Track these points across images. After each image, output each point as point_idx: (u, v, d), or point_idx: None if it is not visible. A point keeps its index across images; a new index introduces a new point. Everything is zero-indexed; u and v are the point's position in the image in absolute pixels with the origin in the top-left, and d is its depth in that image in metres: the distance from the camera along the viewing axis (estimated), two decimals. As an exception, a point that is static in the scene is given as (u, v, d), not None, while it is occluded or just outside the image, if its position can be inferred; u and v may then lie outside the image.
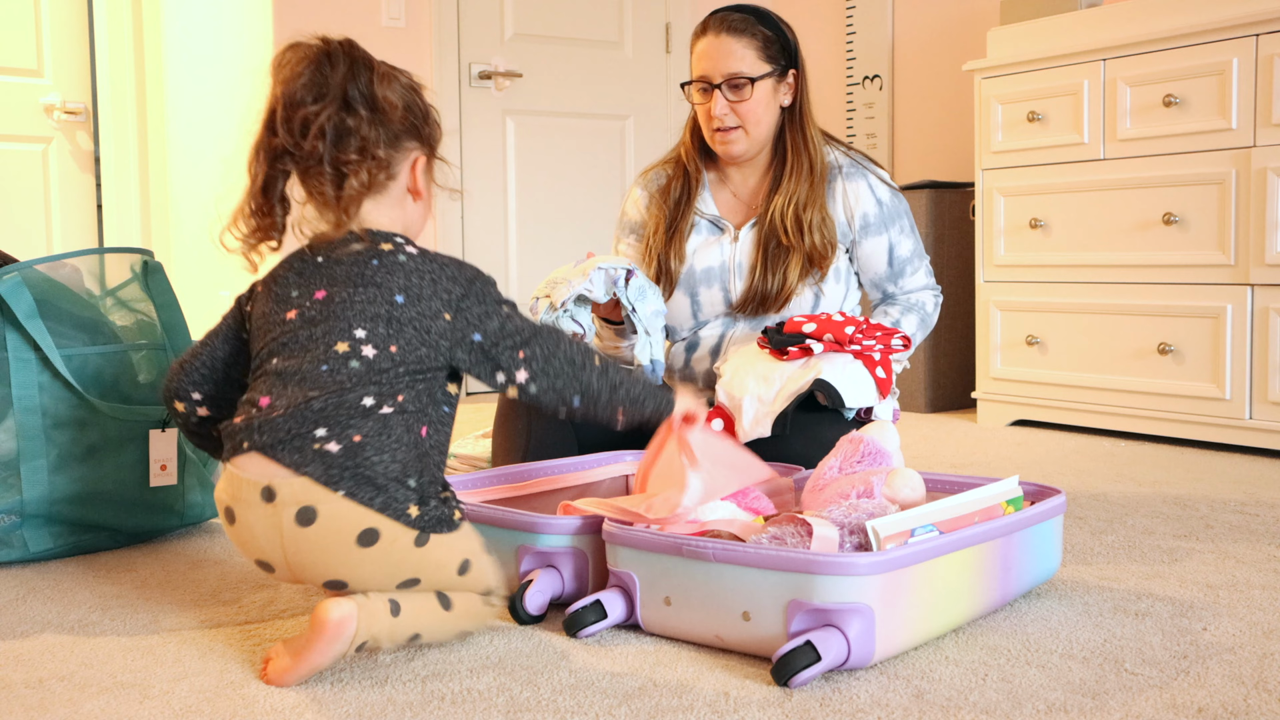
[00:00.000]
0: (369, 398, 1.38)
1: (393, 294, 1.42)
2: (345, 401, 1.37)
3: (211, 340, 1.55)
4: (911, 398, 3.78)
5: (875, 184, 2.20)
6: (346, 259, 1.44)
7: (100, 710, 1.31)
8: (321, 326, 1.41)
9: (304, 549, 1.35)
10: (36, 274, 1.98)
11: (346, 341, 1.39)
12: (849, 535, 1.46)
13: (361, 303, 1.41)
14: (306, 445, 1.35)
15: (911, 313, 2.23)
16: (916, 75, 4.35)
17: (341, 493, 1.33)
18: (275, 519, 1.35)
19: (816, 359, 1.99)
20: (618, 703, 1.29)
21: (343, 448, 1.34)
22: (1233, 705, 1.26)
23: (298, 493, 1.34)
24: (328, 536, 1.34)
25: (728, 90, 2.14)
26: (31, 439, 1.92)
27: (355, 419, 1.36)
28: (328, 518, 1.34)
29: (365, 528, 1.34)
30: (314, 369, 1.39)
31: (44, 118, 4.02)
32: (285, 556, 1.37)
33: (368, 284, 1.42)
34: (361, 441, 1.35)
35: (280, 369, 1.41)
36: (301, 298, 1.44)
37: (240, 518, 1.38)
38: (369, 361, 1.39)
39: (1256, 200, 2.82)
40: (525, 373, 1.45)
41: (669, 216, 2.25)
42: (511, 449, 2.17)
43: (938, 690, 1.31)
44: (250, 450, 1.37)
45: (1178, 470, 2.68)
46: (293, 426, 1.36)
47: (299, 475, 1.34)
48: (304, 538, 1.34)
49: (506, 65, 4.41)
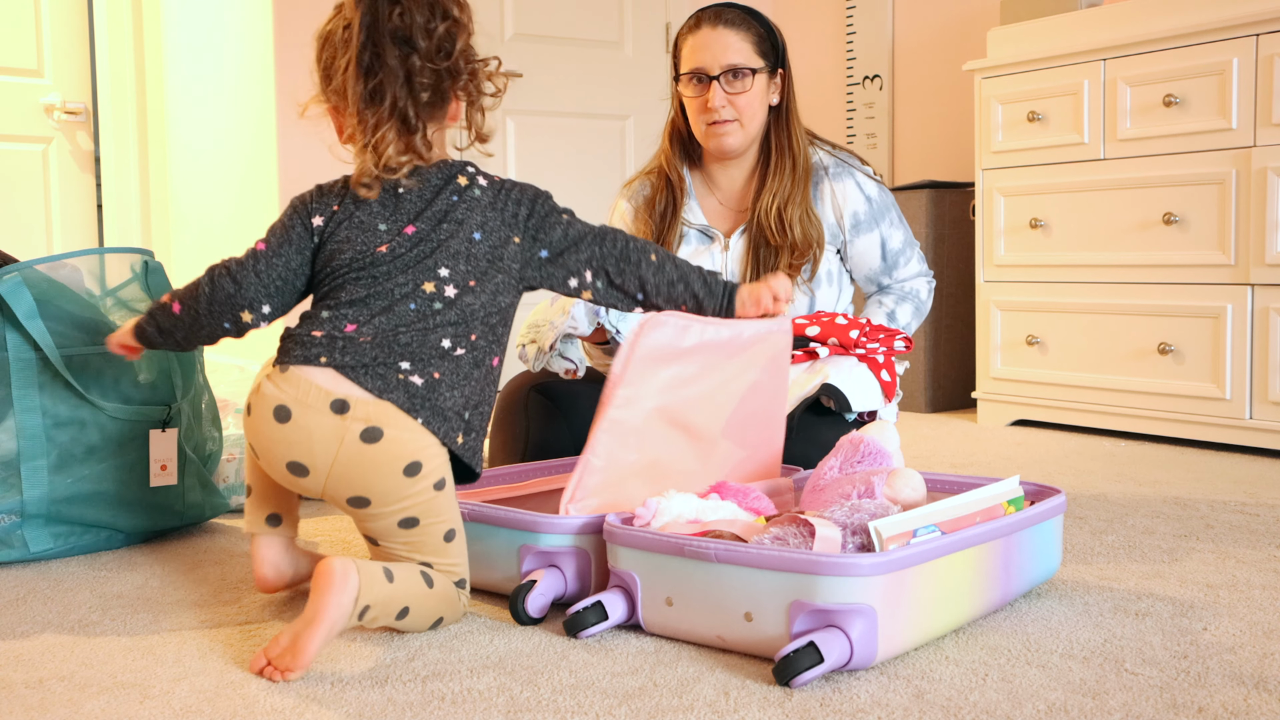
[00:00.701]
0: (447, 339, 1.50)
1: (471, 231, 1.52)
2: (428, 341, 1.48)
3: (283, 250, 1.56)
4: (911, 398, 3.78)
5: (862, 181, 2.20)
6: (429, 192, 1.54)
7: (100, 710, 1.31)
8: (411, 264, 1.50)
9: (355, 463, 1.45)
10: (37, 274, 1.98)
11: (432, 282, 1.50)
12: (851, 536, 1.46)
13: (445, 240, 1.51)
14: (391, 374, 1.46)
15: (906, 301, 2.23)
16: (917, 75, 4.35)
17: (420, 420, 1.46)
18: (340, 430, 1.44)
19: (822, 363, 1.99)
20: (618, 703, 1.29)
21: (425, 382, 1.47)
22: (1233, 705, 1.26)
23: (372, 413, 1.44)
24: (382, 457, 1.45)
25: (726, 81, 2.14)
26: (32, 439, 1.92)
27: (435, 358, 1.48)
28: (390, 441, 1.45)
29: (414, 460, 1.46)
30: (403, 306, 1.49)
31: (44, 118, 4.02)
32: (332, 466, 1.46)
33: (449, 220, 1.52)
34: (440, 379, 1.48)
35: (366, 298, 1.49)
36: (391, 232, 1.52)
37: (298, 419, 1.45)
38: (450, 301, 1.50)
39: (1256, 200, 2.82)
40: (590, 273, 1.57)
41: (655, 230, 2.24)
42: (510, 450, 2.18)
43: (938, 690, 1.31)
44: (327, 366, 1.46)
45: (1178, 470, 2.68)
46: (379, 355, 1.46)
47: (380, 399, 1.45)
48: (362, 454, 1.44)
49: (506, 65, 4.40)
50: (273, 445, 1.49)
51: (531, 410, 2.18)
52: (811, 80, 4.64)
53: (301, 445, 1.46)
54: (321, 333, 1.48)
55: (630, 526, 1.53)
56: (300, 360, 1.47)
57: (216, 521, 2.26)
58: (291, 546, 1.68)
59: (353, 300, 1.50)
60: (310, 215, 1.56)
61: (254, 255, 1.57)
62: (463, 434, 1.51)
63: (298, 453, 1.47)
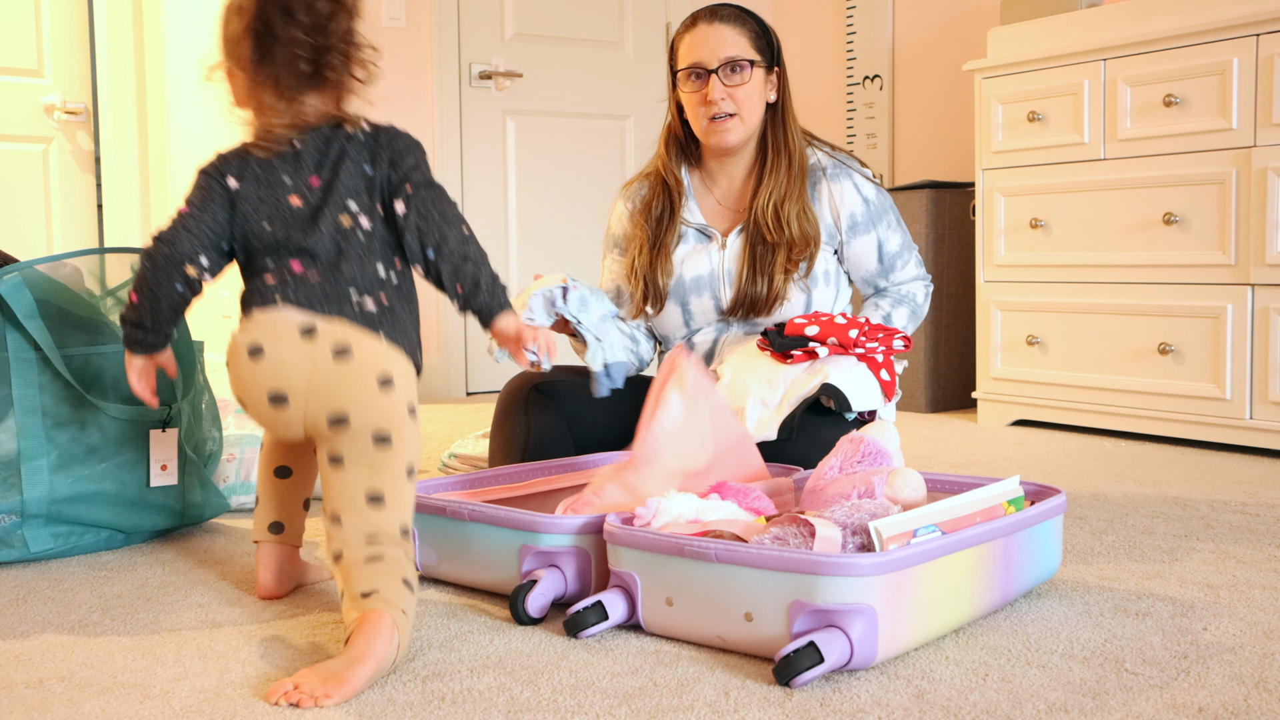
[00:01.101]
0: (380, 267, 1.59)
1: (363, 165, 1.62)
2: (367, 270, 1.58)
3: (207, 207, 1.64)
4: (911, 398, 3.78)
5: (860, 183, 2.21)
6: (321, 143, 1.63)
7: (100, 710, 1.31)
8: (327, 207, 1.59)
9: (330, 381, 1.52)
10: (37, 274, 1.98)
11: (347, 215, 1.59)
12: (851, 536, 1.46)
13: (345, 178, 1.61)
14: (345, 302, 1.55)
15: (902, 305, 2.24)
16: (917, 75, 4.35)
17: (382, 334, 1.54)
18: (311, 353, 1.52)
19: (821, 363, 1.99)
20: (618, 703, 1.29)
21: (377, 305, 1.56)
22: (1233, 705, 1.26)
23: (338, 332, 1.53)
24: (356, 371, 1.52)
25: (725, 74, 2.15)
26: (32, 439, 1.92)
27: (377, 285, 1.57)
28: (360, 355, 1.53)
29: (386, 372, 1.53)
30: (332, 243, 1.58)
31: (44, 118, 4.02)
32: (309, 387, 1.53)
33: (345, 159, 1.62)
34: (388, 303, 1.57)
35: (304, 245, 1.58)
36: (297, 184, 1.61)
37: (270, 352, 1.53)
38: (369, 232, 1.59)
39: (1257, 200, 2.82)
40: (403, 206, 1.60)
41: (652, 234, 2.25)
42: (510, 449, 2.17)
43: (938, 690, 1.31)
44: (284, 304, 1.55)
45: (1178, 470, 2.68)
46: (329, 290, 1.55)
47: (342, 321, 1.54)
48: (335, 371, 1.52)
49: (507, 65, 4.41)
50: (251, 383, 1.56)
51: (531, 410, 2.18)
52: (811, 80, 4.64)
53: (277, 374, 1.53)
54: (273, 279, 1.57)
55: (630, 526, 1.53)
56: (260, 304, 1.56)
57: (216, 521, 2.26)
58: (294, 556, 1.73)
59: (290, 249, 1.58)
60: (223, 176, 1.64)
61: (180, 216, 1.64)
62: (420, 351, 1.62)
63: (275, 382, 1.53)
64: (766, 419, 1.97)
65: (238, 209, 1.63)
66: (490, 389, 4.42)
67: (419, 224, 1.58)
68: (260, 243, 1.61)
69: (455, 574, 1.74)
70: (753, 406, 1.98)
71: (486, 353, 2.09)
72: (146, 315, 1.65)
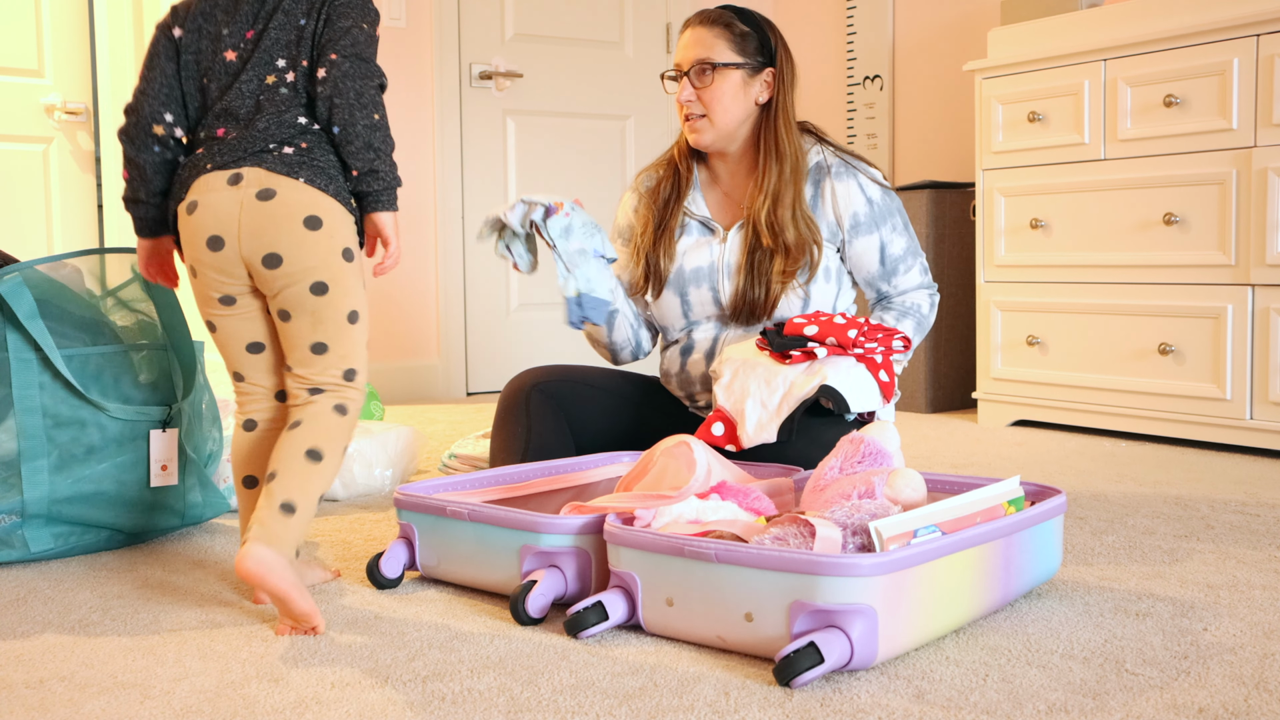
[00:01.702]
0: (302, 116, 1.69)
1: (298, 18, 1.71)
2: (284, 120, 1.68)
3: (155, 64, 1.75)
4: (912, 398, 3.78)
5: (865, 183, 2.20)
6: None
7: (101, 710, 1.31)
8: (253, 63, 1.70)
9: (258, 221, 1.64)
10: (37, 274, 1.98)
11: (272, 74, 1.70)
12: (852, 536, 1.46)
13: (276, 31, 1.71)
14: (265, 152, 1.66)
15: (907, 317, 2.23)
16: (917, 75, 4.35)
17: (302, 179, 1.64)
18: (239, 196, 1.64)
19: (820, 363, 1.99)
20: (618, 703, 1.29)
21: (295, 150, 1.66)
22: (1233, 706, 1.26)
23: (262, 177, 1.64)
24: (281, 211, 1.64)
25: (695, 77, 2.18)
26: (32, 439, 1.92)
27: (297, 134, 1.67)
28: (284, 197, 1.64)
29: (311, 213, 1.64)
30: (253, 100, 1.69)
31: (44, 118, 4.02)
32: (239, 229, 1.65)
33: (280, 12, 1.72)
34: (309, 148, 1.66)
35: (228, 106, 1.70)
36: (234, 36, 1.73)
37: (202, 203, 1.66)
38: (292, 85, 1.70)
39: (1257, 200, 2.82)
40: (323, 73, 1.68)
41: (657, 216, 2.26)
42: (511, 450, 2.17)
43: (938, 690, 1.31)
44: (213, 168, 1.67)
45: (1178, 470, 2.68)
46: (247, 145, 1.66)
47: (262, 168, 1.65)
48: (261, 211, 1.64)
49: (507, 65, 4.41)
50: (192, 235, 1.68)
51: (532, 410, 2.18)
52: (812, 80, 4.64)
53: (210, 219, 1.66)
54: (202, 149, 1.71)
55: (631, 527, 1.53)
56: (194, 174, 1.69)
57: (216, 521, 2.26)
58: None
59: (218, 112, 1.70)
60: (171, 28, 1.76)
61: (138, 81, 1.76)
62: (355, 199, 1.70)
63: (209, 226, 1.66)
64: (766, 420, 1.96)
65: (182, 59, 1.74)
66: (491, 389, 4.43)
67: (332, 97, 1.65)
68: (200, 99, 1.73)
69: (455, 574, 1.74)
70: (752, 408, 1.98)
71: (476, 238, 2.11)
72: (139, 187, 1.76)
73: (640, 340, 2.33)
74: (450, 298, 4.34)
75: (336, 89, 1.65)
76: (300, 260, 1.64)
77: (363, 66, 1.67)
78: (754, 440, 1.96)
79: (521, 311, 4.50)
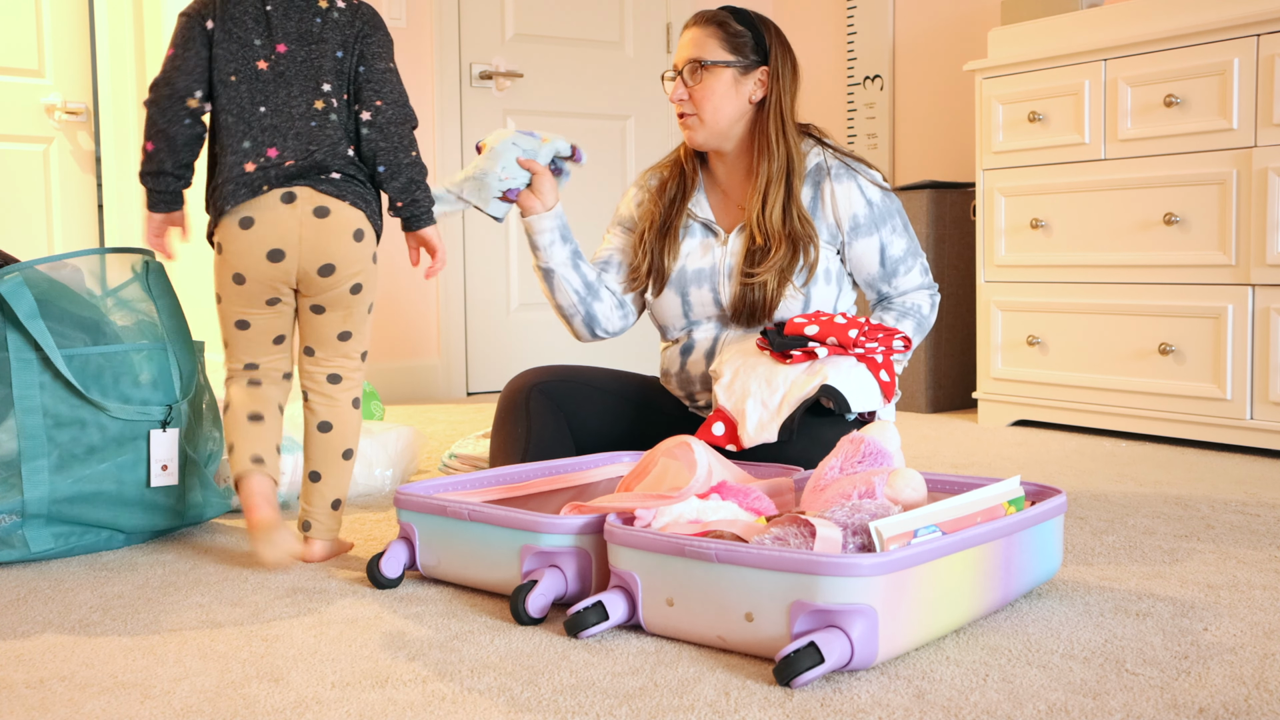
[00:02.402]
0: (350, 148, 1.87)
1: (335, 50, 1.86)
2: (337, 151, 1.86)
3: (190, 46, 1.85)
4: (912, 398, 3.78)
5: (865, 185, 2.20)
6: (294, 13, 1.86)
7: (101, 710, 1.31)
8: (295, 82, 1.85)
9: (317, 235, 1.84)
10: (38, 274, 1.98)
11: (320, 99, 1.85)
12: (852, 536, 1.46)
13: (318, 59, 1.85)
14: (316, 178, 1.84)
15: (907, 318, 2.23)
16: (917, 75, 4.35)
17: (347, 201, 1.86)
18: (295, 213, 1.83)
19: (821, 363, 1.99)
20: (618, 703, 1.29)
21: (342, 177, 1.86)
22: (1234, 705, 1.26)
23: (315, 197, 1.84)
24: (335, 226, 1.85)
25: (687, 76, 2.18)
26: (32, 439, 1.92)
27: (343, 163, 1.86)
28: (336, 214, 1.85)
29: (357, 227, 1.87)
30: (305, 125, 1.84)
31: (45, 118, 4.02)
32: (300, 242, 1.84)
33: (317, 40, 1.85)
34: (353, 175, 1.87)
35: (274, 123, 1.84)
36: (265, 48, 1.85)
37: (260, 219, 1.84)
38: (339, 112, 1.86)
39: (1257, 200, 2.82)
40: (369, 115, 1.87)
41: (663, 214, 2.27)
42: (511, 450, 2.18)
43: (938, 690, 1.31)
44: (268, 190, 1.83)
45: (1178, 470, 2.68)
46: (304, 170, 1.83)
47: (316, 190, 1.84)
48: (319, 227, 1.84)
49: (507, 65, 4.41)
50: (249, 246, 1.84)
51: (532, 410, 2.19)
52: (812, 80, 4.64)
53: (271, 235, 1.83)
54: (253, 165, 1.83)
55: (631, 527, 1.53)
56: (249, 195, 1.83)
57: (217, 521, 2.26)
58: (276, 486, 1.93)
59: (262, 124, 1.84)
60: (204, 20, 1.85)
61: (169, 59, 1.85)
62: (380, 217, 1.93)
63: (271, 241, 1.83)
64: (766, 420, 1.96)
65: (213, 50, 1.84)
66: (491, 389, 4.43)
67: (378, 141, 1.87)
68: (230, 102, 1.84)
69: (455, 574, 1.74)
70: (753, 408, 1.98)
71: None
72: (165, 158, 1.86)
73: (592, 313, 2.27)
74: (450, 298, 4.34)
75: (383, 133, 1.87)
76: (349, 267, 1.87)
77: (402, 112, 1.89)
78: (755, 440, 1.96)
79: (521, 311, 4.50)
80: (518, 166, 2.16)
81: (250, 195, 1.83)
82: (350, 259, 1.86)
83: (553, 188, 2.22)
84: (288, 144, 1.83)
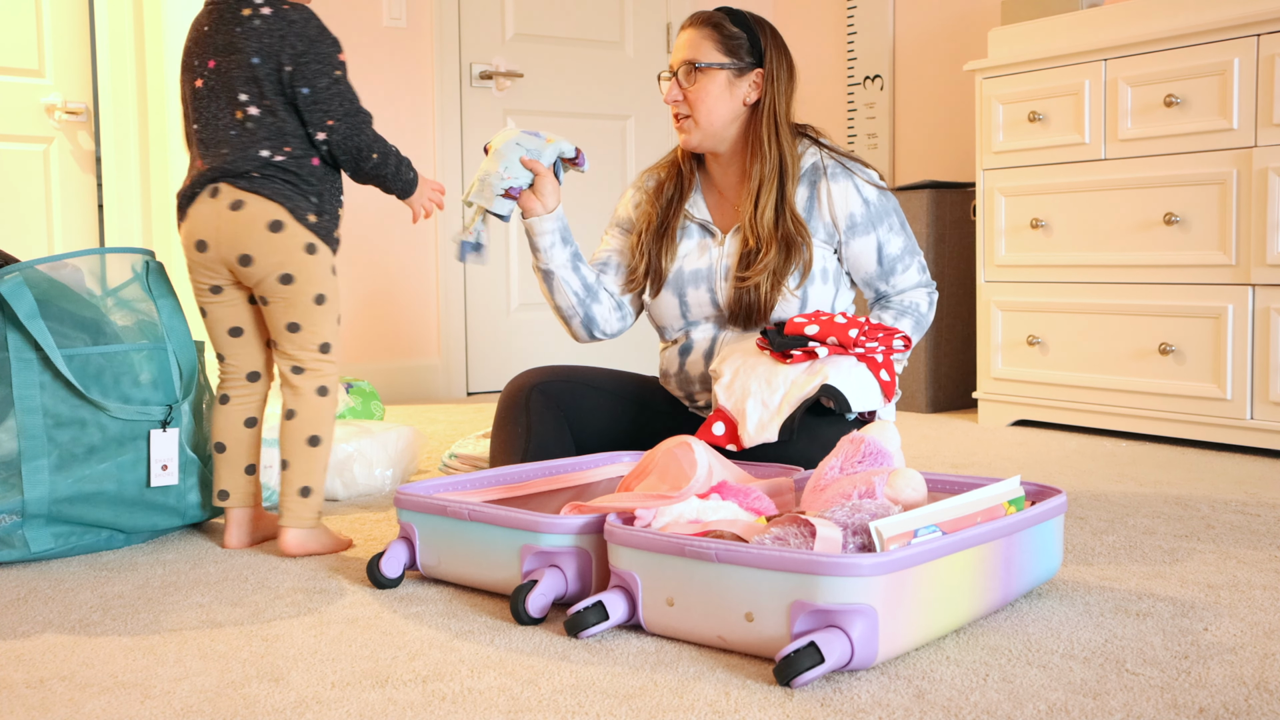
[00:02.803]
0: (264, 150, 1.93)
1: (250, 57, 1.92)
2: (248, 155, 1.93)
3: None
4: (912, 398, 3.78)
5: (861, 185, 2.20)
6: (223, 27, 1.94)
7: (101, 710, 1.31)
8: (220, 96, 1.94)
9: (232, 227, 1.94)
10: (38, 274, 1.98)
11: (238, 109, 1.94)
12: (852, 536, 1.46)
13: (235, 68, 1.93)
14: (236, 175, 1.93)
15: (906, 316, 2.23)
16: (917, 75, 4.35)
17: (264, 195, 1.92)
18: (216, 206, 1.95)
19: (821, 363, 1.99)
20: (619, 702, 1.29)
21: (260, 175, 1.93)
22: (1234, 705, 1.26)
23: (234, 192, 1.94)
24: (246, 218, 1.93)
25: (681, 77, 2.19)
26: (33, 439, 1.92)
27: (258, 166, 1.93)
28: (250, 207, 1.93)
29: (274, 219, 1.93)
30: (227, 134, 1.95)
31: (45, 118, 4.02)
32: (218, 232, 1.95)
33: (234, 50, 1.92)
34: (270, 175, 1.93)
35: (204, 136, 1.97)
36: (200, 68, 1.96)
37: (191, 213, 1.98)
38: (257, 119, 1.93)
39: (1258, 200, 2.82)
40: (323, 135, 1.94)
41: (660, 216, 2.27)
42: (511, 450, 2.18)
43: (939, 690, 1.31)
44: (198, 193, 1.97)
45: (1178, 470, 2.68)
46: (218, 171, 1.94)
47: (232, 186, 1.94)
48: (234, 219, 1.94)
49: (507, 65, 4.41)
50: (185, 237, 1.98)
51: (532, 410, 2.19)
52: (812, 80, 4.64)
53: (196, 226, 1.97)
54: (189, 180, 1.99)
55: (631, 526, 1.53)
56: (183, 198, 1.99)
57: (217, 521, 2.26)
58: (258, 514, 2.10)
59: (198, 138, 1.98)
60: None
61: None
62: (315, 214, 1.96)
63: (197, 232, 1.97)
64: (767, 420, 1.96)
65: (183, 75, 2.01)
66: (491, 389, 4.43)
67: (339, 156, 1.96)
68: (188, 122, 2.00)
69: (455, 574, 1.74)
70: (753, 408, 1.98)
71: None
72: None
73: (591, 315, 2.27)
74: (450, 298, 4.34)
75: (341, 149, 1.95)
76: (268, 257, 1.94)
77: (354, 122, 1.95)
78: (755, 440, 1.96)
79: (521, 311, 4.50)
80: (520, 166, 2.16)
81: (189, 205, 1.99)
82: (267, 249, 1.93)
83: (554, 189, 2.22)
84: (212, 155, 1.96)
